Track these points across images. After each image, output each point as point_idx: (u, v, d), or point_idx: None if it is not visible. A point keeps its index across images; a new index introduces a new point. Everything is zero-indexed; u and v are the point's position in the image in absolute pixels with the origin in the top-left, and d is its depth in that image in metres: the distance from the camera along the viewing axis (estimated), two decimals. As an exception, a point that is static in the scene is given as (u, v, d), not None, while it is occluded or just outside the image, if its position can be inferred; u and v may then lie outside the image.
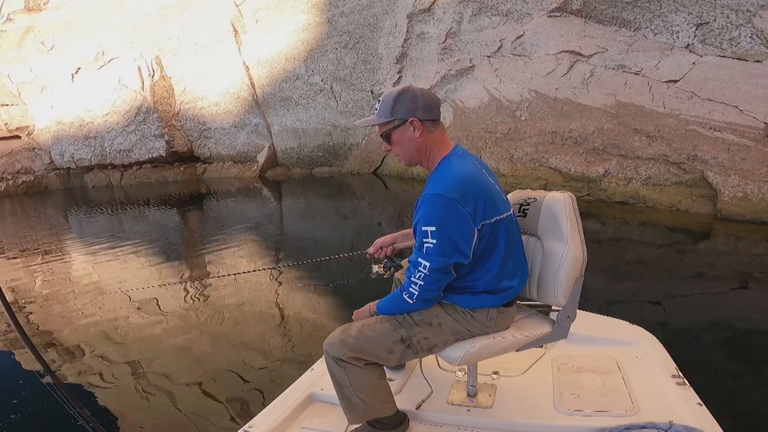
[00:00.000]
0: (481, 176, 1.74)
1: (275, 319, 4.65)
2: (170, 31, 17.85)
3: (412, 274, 1.72)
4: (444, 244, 1.63)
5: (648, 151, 8.24)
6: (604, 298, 4.46)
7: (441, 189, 1.64)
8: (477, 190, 1.67)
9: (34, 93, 20.49)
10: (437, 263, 1.65)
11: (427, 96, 1.76)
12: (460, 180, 1.67)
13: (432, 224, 1.63)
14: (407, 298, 1.75)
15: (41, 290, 6.18)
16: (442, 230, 1.62)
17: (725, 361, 3.35)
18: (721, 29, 8.07)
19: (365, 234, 8.23)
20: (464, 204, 1.63)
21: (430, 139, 1.77)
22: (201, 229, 10.18)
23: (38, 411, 3.22)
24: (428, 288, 1.71)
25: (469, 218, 1.64)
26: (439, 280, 1.70)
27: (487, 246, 1.73)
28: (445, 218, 1.62)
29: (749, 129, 7.34)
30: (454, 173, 1.69)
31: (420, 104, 1.73)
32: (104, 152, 19.55)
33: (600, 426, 1.78)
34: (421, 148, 1.78)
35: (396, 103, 1.74)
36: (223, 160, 18.74)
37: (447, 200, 1.62)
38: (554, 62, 10.10)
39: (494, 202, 1.72)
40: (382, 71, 14.07)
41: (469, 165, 1.75)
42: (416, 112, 1.73)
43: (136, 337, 4.42)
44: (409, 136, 1.75)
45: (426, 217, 1.65)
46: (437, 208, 1.63)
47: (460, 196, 1.63)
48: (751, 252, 6.01)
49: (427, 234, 1.64)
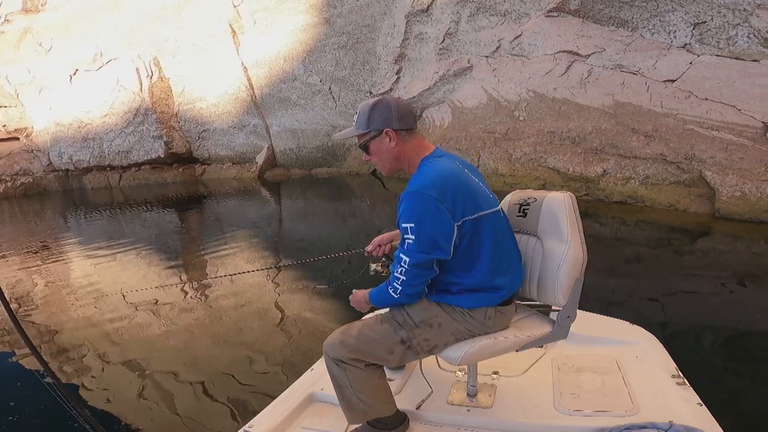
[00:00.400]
0: (461, 174, 1.76)
1: (274, 320, 4.66)
2: (168, 32, 17.83)
3: (395, 269, 1.76)
4: (423, 240, 1.67)
5: (646, 150, 8.25)
6: (602, 297, 4.47)
7: (420, 186, 1.69)
8: (456, 187, 1.70)
9: (32, 94, 20.47)
10: (416, 258, 1.69)
11: (402, 106, 1.80)
12: (438, 178, 1.70)
13: (411, 221, 1.67)
14: (392, 292, 1.79)
15: (40, 292, 6.18)
16: (421, 227, 1.66)
17: (725, 361, 3.35)
18: (719, 28, 8.08)
19: (364, 233, 8.24)
20: (443, 201, 1.65)
21: (406, 148, 1.81)
22: (200, 231, 10.18)
23: (38, 411, 3.22)
24: (410, 283, 1.74)
25: (448, 215, 1.66)
26: (420, 276, 1.73)
27: (472, 243, 1.74)
28: (424, 215, 1.66)
29: (747, 128, 7.36)
30: (433, 172, 1.73)
31: (394, 115, 1.77)
32: (103, 153, 19.52)
33: (600, 426, 1.78)
34: (398, 157, 1.82)
35: (371, 114, 1.79)
36: (221, 161, 18.73)
37: (425, 197, 1.66)
38: (552, 62, 10.12)
39: (475, 199, 1.74)
40: (380, 72, 14.08)
41: (449, 163, 1.78)
42: (391, 123, 1.77)
43: (135, 338, 4.43)
44: (385, 146, 1.80)
45: (406, 214, 1.69)
46: (416, 205, 1.67)
47: (439, 193, 1.66)
48: (749, 251, 6.03)
49: (407, 230, 1.68)
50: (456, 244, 1.71)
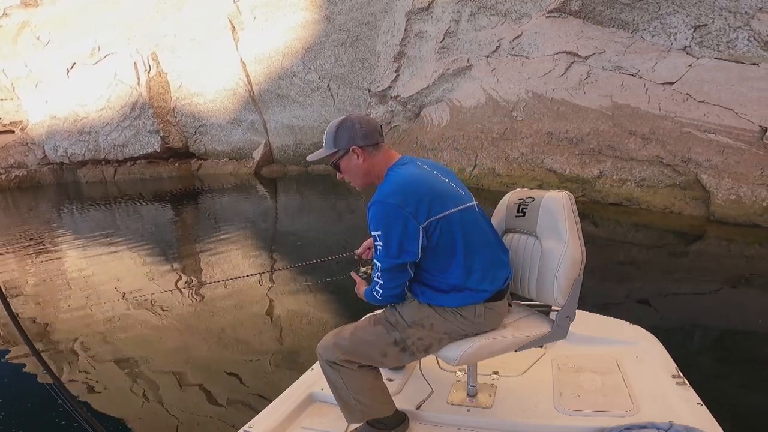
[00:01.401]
0: (425, 177, 1.80)
1: (274, 320, 4.65)
2: (167, 28, 17.76)
3: (374, 274, 1.85)
4: (390, 245, 1.73)
5: (643, 152, 8.27)
6: (596, 299, 4.48)
7: (382, 195, 1.74)
8: (418, 191, 1.73)
9: (29, 88, 20.38)
10: (386, 264, 1.76)
11: (365, 123, 1.85)
12: (399, 185, 1.76)
13: (378, 228, 1.74)
14: (376, 295, 1.86)
15: (37, 290, 6.15)
16: (387, 233, 1.72)
17: (725, 361, 3.37)
18: (719, 31, 8.10)
19: (361, 230, 8.23)
20: (404, 206, 1.70)
21: (373, 162, 1.85)
22: (195, 227, 10.15)
23: (38, 411, 3.21)
24: (387, 286, 1.82)
25: (410, 218, 1.70)
26: (394, 279, 1.80)
27: (443, 242, 1.76)
28: (388, 222, 1.72)
29: (744, 132, 7.37)
30: (395, 180, 1.78)
31: (359, 133, 1.83)
32: (98, 147, 19.45)
33: (600, 426, 1.79)
34: (367, 172, 1.87)
35: (337, 134, 1.85)
36: (218, 157, 18.69)
37: (387, 205, 1.72)
38: (551, 63, 10.13)
39: (441, 198, 1.76)
40: (379, 69, 14.06)
41: (412, 169, 1.82)
42: (357, 141, 1.83)
43: (134, 339, 4.41)
44: (354, 163, 1.86)
45: (373, 223, 1.75)
46: (380, 213, 1.73)
47: (401, 199, 1.71)
48: (744, 254, 6.06)
49: (376, 238, 1.76)
50: (425, 245, 1.74)
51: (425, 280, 1.83)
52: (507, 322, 1.95)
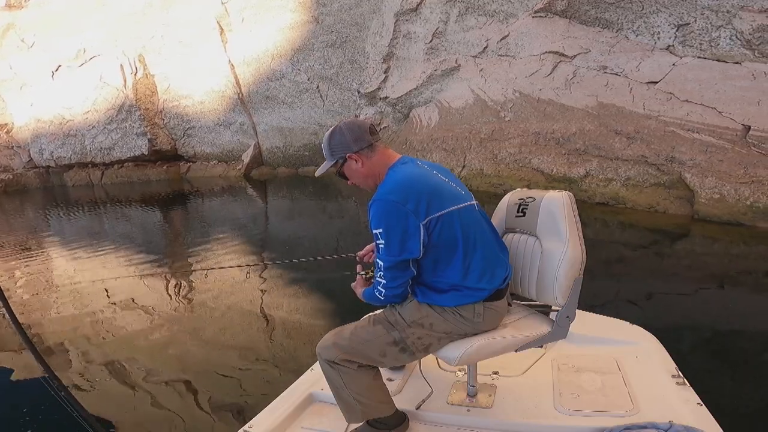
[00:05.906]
0: (425, 176, 1.83)
1: (273, 321, 4.65)
2: (154, 29, 17.60)
3: (376, 274, 1.85)
4: (391, 243, 1.75)
5: (628, 152, 8.33)
6: (586, 298, 4.52)
7: (383, 194, 1.78)
8: (418, 189, 1.76)
9: (14, 90, 20.05)
10: (388, 262, 1.77)
11: (353, 128, 1.89)
12: (399, 183, 1.79)
13: (379, 227, 1.76)
14: (378, 295, 1.87)
15: (24, 295, 6.10)
16: (388, 231, 1.74)
17: (724, 361, 3.38)
18: (702, 30, 8.19)
19: (351, 233, 8.26)
20: (405, 203, 1.73)
21: (372, 163, 1.89)
22: (184, 230, 10.10)
23: (38, 411, 3.20)
24: (389, 285, 1.82)
25: (411, 215, 1.72)
26: (397, 278, 1.80)
27: (443, 239, 1.78)
28: (389, 219, 1.74)
29: (727, 131, 7.46)
30: (395, 178, 1.82)
31: (349, 139, 1.87)
32: (85, 150, 19.21)
33: (600, 426, 1.79)
34: (368, 174, 1.91)
35: (330, 146, 1.91)
36: (207, 159, 18.56)
37: (388, 202, 1.75)
38: (538, 63, 10.22)
39: (441, 197, 1.79)
40: (368, 71, 14.08)
41: (412, 168, 1.86)
42: (349, 148, 1.87)
43: (134, 339, 4.39)
44: (355, 169, 1.91)
45: (374, 221, 1.77)
46: (381, 211, 1.75)
47: (401, 196, 1.74)
48: (728, 252, 6.14)
49: (377, 236, 1.77)
50: (425, 242, 1.76)
51: (424, 279, 1.84)
52: (507, 321, 1.95)
